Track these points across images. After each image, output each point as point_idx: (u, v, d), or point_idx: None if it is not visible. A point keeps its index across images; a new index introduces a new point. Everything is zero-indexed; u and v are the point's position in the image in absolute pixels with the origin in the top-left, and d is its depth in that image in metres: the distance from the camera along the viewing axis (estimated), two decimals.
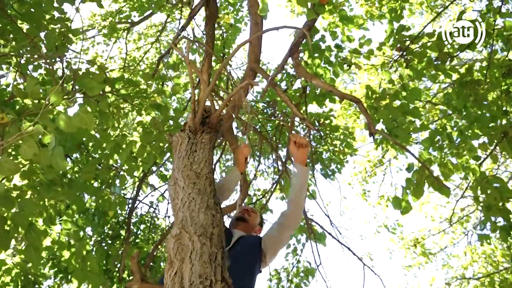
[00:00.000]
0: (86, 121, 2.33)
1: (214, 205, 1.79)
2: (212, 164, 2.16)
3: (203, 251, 1.50)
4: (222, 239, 1.66)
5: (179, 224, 1.64)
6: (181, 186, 1.90)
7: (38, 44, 3.76)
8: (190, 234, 1.57)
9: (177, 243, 1.54)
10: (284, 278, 6.38)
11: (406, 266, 9.86)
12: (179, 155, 2.14)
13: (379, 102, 4.57)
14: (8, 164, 1.79)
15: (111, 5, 7.46)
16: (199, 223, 1.64)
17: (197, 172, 1.99)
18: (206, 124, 2.35)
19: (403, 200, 4.00)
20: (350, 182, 8.84)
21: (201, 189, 1.87)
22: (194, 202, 1.77)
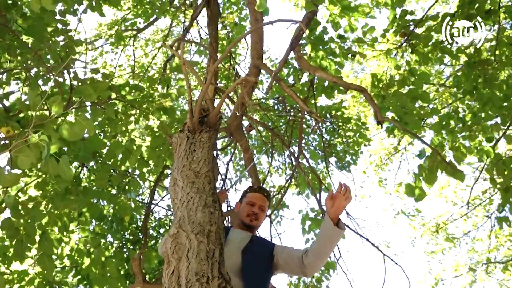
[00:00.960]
0: (86, 128, 2.37)
1: (212, 203, 1.80)
2: (211, 162, 2.16)
3: (200, 249, 1.51)
4: (220, 236, 1.66)
5: (177, 224, 1.65)
6: (180, 186, 1.92)
7: (42, 57, 3.84)
8: (187, 232, 1.58)
9: (175, 242, 1.55)
10: None
11: (429, 252, 9.72)
12: (178, 156, 2.15)
13: (387, 90, 4.51)
14: (9, 175, 1.83)
15: (116, 13, 7.56)
16: (196, 222, 1.65)
17: (196, 171, 1.99)
18: (205, 123, 2.35)
19: (416, 187, 3.94)
20: (365, 170, 8.75)
21: (199, 188, 1.87)
22: (192, 201, 1.78)
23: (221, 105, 2.31)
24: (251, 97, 4.61)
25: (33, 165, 2.21)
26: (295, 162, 6.32)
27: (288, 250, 2.16)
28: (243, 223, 2.34)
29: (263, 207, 2.45)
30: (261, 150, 7.60)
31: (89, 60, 7.40)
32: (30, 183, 4.03)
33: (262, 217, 2.44)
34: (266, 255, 2.14)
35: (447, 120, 4.25)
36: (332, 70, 4.52)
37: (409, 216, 8.08)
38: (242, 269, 1.96)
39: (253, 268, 2.02)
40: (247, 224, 2.33)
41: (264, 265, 2.09)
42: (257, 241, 2.26)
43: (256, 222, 2.37)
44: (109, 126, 4.13)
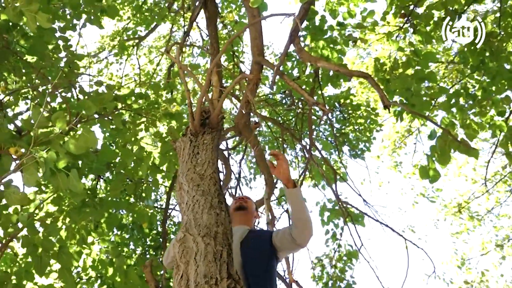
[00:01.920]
0: (90, 140, 2.40)
1: (218, 204, 1.80)
2: (216, 163, 2.16)
3: (208, 251, 1.51)
4: (227, 237, 1.66)
5: (183, 228, 1.66)
6: (186, 190, 1.92)
7: (46, 75, 3.89)
8: (194, 236, 1.58)
9: (182, 246, 1.56)
10: (327, 265, 6.33)
11: (453, 233, 9.59)
12: (183, 160, 2.16)
13: (392, 73, 4.45)
14: (16, 195, 1.86)
15: (117, 24, 7.62)
16: (202, 224, 1.65)
17: (201, 174, 2.00)
18: (207, 124, 2.36)
19: (430, 168, 3.88)
20: (380, 155, 8.66)
21: (205, 190, 1.88)
22: (198, 204, 1.78)
23: (221, 105, 2.31)
24: (255, 94, 4.60)
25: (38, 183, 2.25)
26: (307, 154, 6.30)
27: (281, 231, 2.19)
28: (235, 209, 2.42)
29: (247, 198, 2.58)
30: (273, 146, 7.59)
31: (95, 72, 7.49)
32: (46, 199, 4.10)
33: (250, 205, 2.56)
34: (264, 243, 2.15)
35: (456, 97, 4.18)
36: (334, 58, 4.48)
37: (428, 198, 7.98)
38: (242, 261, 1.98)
39: (252, 258, 2.03)
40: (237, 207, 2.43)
41: (264, 253, 2.10)
42: (254, 232, 2.29)
43: (246, 204, 2.48)
44: (118, 136, 4.17)
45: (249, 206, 2.54)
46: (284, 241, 2.13)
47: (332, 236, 6.31)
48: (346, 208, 6.09)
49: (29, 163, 1.89)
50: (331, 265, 6.20)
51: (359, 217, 6.06)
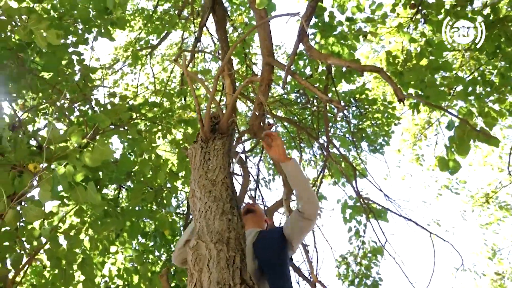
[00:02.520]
0: (105, 153, 2.43)
1: (230, 209, 1.80)
2: (228, 168, 2.16)
3: (220, 257, 1.51)
4: (240, 242, 1.66)
5: (196, 235, 1.67)
6: (198, 196, 1.93)
7: (61, 90, 3.97)
8: (206, 243, 1.59)
9: (195, 254, 1.57)
10: (352, 262, 6.27)
11: (483, 224, 9.35)
12: (194, 167, 2.17)
13: (405, 65, 4.38)
14: (33, 211, 1.91)
15: (129, 35, 7.74)
16: (214, 230, 1.65)
17: (213, 180, 2.00)
18: (217, 130, 2.36)
19: (450, 159, 3.81)
20: (400, 149, 8.52)
21: (216, 196, 1.88)
22: (210, 210, 1.78)
23: (230, 110, 2.32)
24: (268, 95, 4.59)
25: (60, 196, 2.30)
26: (325, 152, 6.25)
27: (289, 217, 2.22)
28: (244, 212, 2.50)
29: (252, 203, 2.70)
30: (290, 146, 7.55)
31: (111, 83, 7.61)
32: (69, 211, 4.19)
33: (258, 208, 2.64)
34: (276, 238, 2.16)
35: (473, 86, 4.08)
36: (345, 54, 4.43)
37: (453, 190, 7.81)
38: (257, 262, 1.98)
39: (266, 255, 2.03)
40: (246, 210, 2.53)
41: (276, 248, 2.10)
42: (265, 231, 2.31)
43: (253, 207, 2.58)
44: (135, 146, 4.23)
45: (257, 209, 2.61)
46: (294, 223, 2.15)
47: (356, 233, 6.25)
48: (368, 204, 6.02)
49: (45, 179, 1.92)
50: (356, 262, 6.13)
51: (382, 213, 5.98)
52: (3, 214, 1.83)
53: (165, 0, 6.73)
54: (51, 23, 3.99)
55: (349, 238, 6.30)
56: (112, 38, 4.41)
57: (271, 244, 2.12)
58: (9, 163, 2.47)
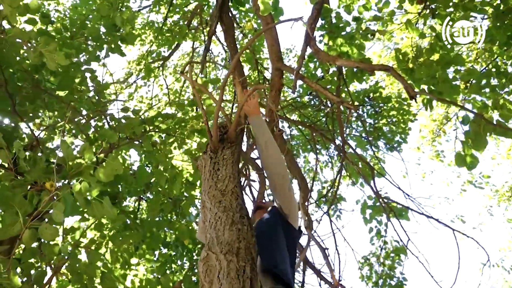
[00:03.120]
0: (116, 168, 2.48)
1: (239, 219, 1.81)
2: (238, 177, 2.17)
3: (230, 268, 1.52)
4: (251, 251, 1.66)
5: (206, 246, 1.68)
6: (208, 207, 1.94)
7: (77, 107, 4.06)
8: (216, 254, 1.60)
9: (206, 265, 1.58)
10: (375, 263, 6.19)
11: (510, 219, 9.12)
12: (204, 177, 2.19)
13: (416, 62, 4.33)
14: (49, 229, 1.95)
15: (141, 48, 7.86)
16: (224, 241, 1.66)
17: (222, 190, 2.01)
18: (225, 140, 2.38)
19: (467, 155, 3.73)
20: (419, 146, 8.39)
21: (226, 206, 1.89)
22: (220, 221, 1.79)
23: (237, 119, 2.33)
24: (279, 100, 4.60)
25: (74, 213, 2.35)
26: (341, 153, 6.21)
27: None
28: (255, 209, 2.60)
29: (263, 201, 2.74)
30: (306, 149, 7.53)
31: (126, 97, 7.73)
32: (90, 226, 4.26)
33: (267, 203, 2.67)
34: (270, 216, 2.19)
35: (487, 78, 4.00)
36: (355, 54, 4.40)
37: (476, 185, 7.65)
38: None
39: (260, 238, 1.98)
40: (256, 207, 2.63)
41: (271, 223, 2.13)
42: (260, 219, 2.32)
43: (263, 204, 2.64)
44: (150, 158, 4.28)
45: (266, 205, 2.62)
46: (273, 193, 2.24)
47: (377, 233, 6.18)
48: (388, 204, 5.95)
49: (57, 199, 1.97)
50: (379, 263, 6.06)
51: (403, 212, 5.91)
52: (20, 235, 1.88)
53: (174, 12, 6.82)
54: (63, 43, 4.12)
55: (371, 238, 6.23)
56: (122, 54, 4.49)
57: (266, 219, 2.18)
58: (26, 183, 2.54)
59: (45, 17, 4.10)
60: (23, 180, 2.68)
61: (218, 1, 5.45)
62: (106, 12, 4.17)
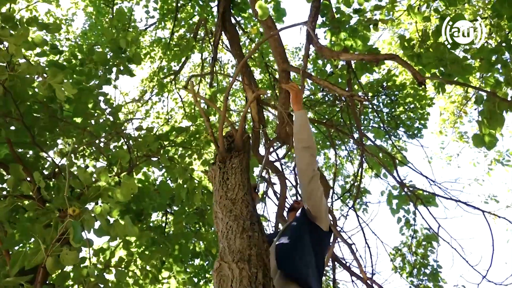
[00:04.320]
0: (132, 186, 2.55)
1: (250, 226, 1.83)
2: (248, 184, 2.20)
3: (243, 276, 1.55)
4: (262, 257, 1.68)
5: (218, 257, 1.71)
6: (220, 217, 1.98)
7: (93, 131, 4.18)
8: (228, 263, 1.62)
9: (219, 276, 1.61)
10: (407, 253, 6.10)
11: None
12: (215, 188, 2.22)
13: (423, 46, 4.27)
14: (70, 254, 2.03)
15: (152, 65, 8.00)
16: (236, 249, 1.69)
17: (232, 199, 2.05)
18: (233, 148, 2.41)
19: (484, 134, 3.66)
20: (441, 130, 8.22)
21: (237, 215, 1.92)
22: (231, 230, 1.82)
23: (242, 127, 2.36)
24: (289, 102, 4.60)
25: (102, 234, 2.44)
26: (360, 146, 6.16)
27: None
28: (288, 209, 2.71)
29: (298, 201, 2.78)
30: (325, 145, 7.50)
31: (143, 115, 7.88)
32: (119, 245, 4.37)
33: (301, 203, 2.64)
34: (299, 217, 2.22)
35: (499, 54, 3.91)
36: (359, 46, 4.38)
37: (504, 163, 7.44)
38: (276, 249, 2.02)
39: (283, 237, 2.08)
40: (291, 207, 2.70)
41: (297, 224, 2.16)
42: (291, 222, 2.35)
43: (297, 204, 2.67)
44: (168, 172, 4.36)
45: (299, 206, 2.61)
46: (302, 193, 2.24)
47: (406, 222, 6.09)
48: (413, 192, 5.86)
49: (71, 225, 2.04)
50: (411, 253, 5.96)
51: (430, 198, 5.81)
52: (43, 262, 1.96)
53: (179, 26, 6.92)
54: (73, 71, 4.25)
55: (400, 228, 6.14)
56: (132, 74, 4.59)
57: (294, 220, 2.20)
58: (48, 211, 2.63)
59: (54, 48, 4.24)
60: (47, 208, 2.78)
61: (220, 10, 5.52)
62: (111, 36, 4.28)
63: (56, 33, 2.74)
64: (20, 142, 3.74)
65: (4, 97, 3.04)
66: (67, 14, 7.68)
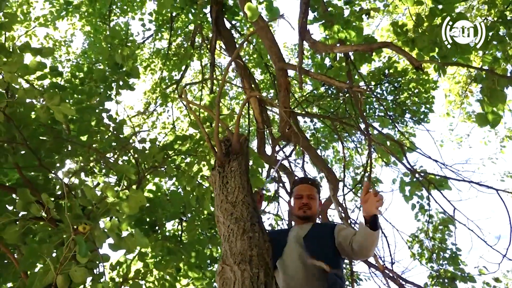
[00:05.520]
0: (139, 199, 2.59)
1: (251, 227, 1.85)
2: (248, 186, 2.22)
3: (245, 277, 1.57)
4: (264, 257, 1.70)
5: (220, 260, 1.73)
6: (222, 221, 2.00)
7: (99, 147, 4.24)
8: (230, 265, 1.65)
9: (222, 279, 1.63)
10: (424, 239, 6.05)
11: None
12: (216, 193, 2.25)
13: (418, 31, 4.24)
14: (79, 272, 2.07)
15: (153, 77, 8.07)
16: (237, 252, 1.71)
17: (233, 202, 2.07)
18: (230, 152, 2.43)
19: (487, 113, 3.62)
20: (448, 112, 8.14)
21: (238, 217, 1.94)
22: (232, 233, 1.85)
23: (237, 130, 2.38)
24: (289, 99, 4.62)
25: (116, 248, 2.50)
26: (366, 137, 6.13)
27: (344, 233, 2.16)
28: (299, 217, 2.43)
29: (312, 195, 2.49)
30: (332, 138, 7.48)
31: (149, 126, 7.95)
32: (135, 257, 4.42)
33: (314, 205, 2.50)
34: (327, 234, 2.18)
35: (494, 30, 3.87)
36: (353, 38, 4.36)
37: None
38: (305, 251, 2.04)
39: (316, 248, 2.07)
40: (302, 216, 2.42)
41: (327, 244, 2.13)
42: (318, 226, 2.34)
43: (310, 211, 2.44)
44: (177, 181, 4.40)
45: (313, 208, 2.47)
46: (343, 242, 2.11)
47: (420, 208, 6.03)
48: (425, 177, 5.81)
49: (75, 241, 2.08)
50: (428, 238, 5.90)
51: (442, 182, 5.75)
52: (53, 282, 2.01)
53: (176, 35, 6.98)
54: (74, 90, 4.32)
55: (415, 215, 6.09)
56: (132, 88, 4.64)
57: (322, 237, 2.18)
58: (59, 231, 2.69)
59: (54, 71, 4.31)
60: (58, 228, 2.84)
61: (213, 16, 5.56)
62: (107, 53, 4.34)
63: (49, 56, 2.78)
64: (30, 166, 3.82)
65: (7, 124, 3.12)
66: (66, 36, 7.81)
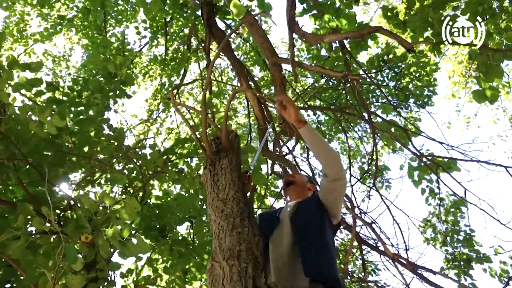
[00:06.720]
0: (134, 206, 2.60)
1: (240, 222, 1.84)
2: (239, 182, 2.20)
3: (233, 272, 1.56)
4: (253, 251, 1.69)
5: (210, 258, 1.73)
6: (213, 219, 1.99)
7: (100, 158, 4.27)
8: (219, 262, 1.64)
9: (211, 276, 1.63)
10: (437, 223, 5.97)
11: None
12: (208, 191, 2.24)
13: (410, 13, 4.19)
14: (75, 279, 2.08)
15: (153, 83, 8.12)
16: (226, 248, 1.70)
17: (224, 199, 2.06)
18: (220, 150, 2.42)
19: (485, 89, 3.56)
20: (454, 93, 8.02)
21: (228, 214, 1.93)
22: (222, 230, 1.84)
23: (225, 127, 2.37)
24: (285, 93, 4.59)
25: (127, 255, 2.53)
26: (369, 125, 6.08)
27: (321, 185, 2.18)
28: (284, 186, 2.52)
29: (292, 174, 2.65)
30: (338, 130, 7.44)
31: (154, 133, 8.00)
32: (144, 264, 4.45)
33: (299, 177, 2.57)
34: (314, 203, 2.18)
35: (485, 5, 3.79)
36: (345, 26, 4.33)
37: None
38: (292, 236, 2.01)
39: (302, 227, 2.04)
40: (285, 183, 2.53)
41: (314, 211, 2.12)
42: (303, 201, 2.30)
43: (293, 178, 2.53)
44: (180, 184, 4.41)
45: (297, 179, 2.53)
46: (322, 187, 2.13)
47: (430, 192, 5.96)
48: (433, 160, 5.74)
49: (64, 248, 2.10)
50: (441, 221, 5.83)
51: (451, 163, 5.67)
52: None
53: (171, 40, 7.00)
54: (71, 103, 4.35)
55: (426, 199, 6.02)
56: (128, 96, 4.67)
57: (309, 210, 2.15)
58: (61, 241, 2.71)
59: (50, 85, 4.36)
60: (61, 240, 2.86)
61: (204, 17, 5.56)
62: (100, 63, 4.37)
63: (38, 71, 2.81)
64: (34, 181, 3.86)
65: (4, 141, 3.16)
66: (65, 50, 7.90)
